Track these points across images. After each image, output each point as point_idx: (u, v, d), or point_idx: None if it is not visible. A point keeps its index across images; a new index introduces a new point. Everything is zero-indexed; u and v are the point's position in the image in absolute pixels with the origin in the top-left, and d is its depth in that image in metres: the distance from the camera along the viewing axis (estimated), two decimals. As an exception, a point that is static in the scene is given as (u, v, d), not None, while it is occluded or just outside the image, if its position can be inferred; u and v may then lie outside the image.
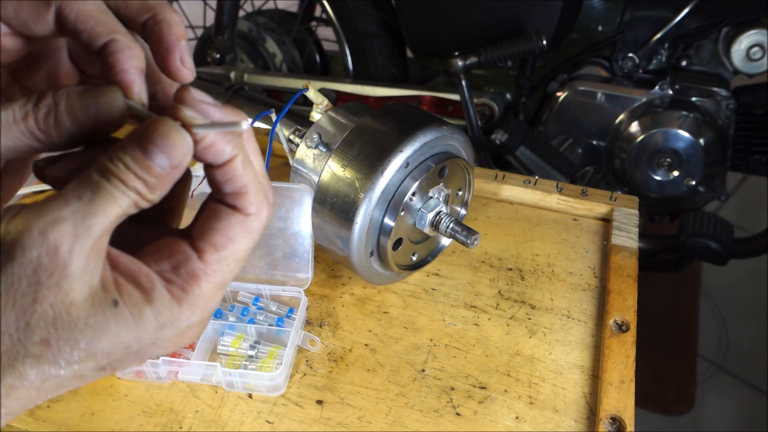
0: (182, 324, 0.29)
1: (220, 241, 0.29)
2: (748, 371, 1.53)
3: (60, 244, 0.26)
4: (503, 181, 0.76)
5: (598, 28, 1.24)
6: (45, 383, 0.27)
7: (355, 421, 0.54)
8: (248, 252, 0.31)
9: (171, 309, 0.28)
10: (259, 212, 0.30)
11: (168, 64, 0.32)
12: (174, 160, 0.27)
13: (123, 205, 0.27)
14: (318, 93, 0.64)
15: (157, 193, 0.28)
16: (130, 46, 0.30)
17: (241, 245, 0.30)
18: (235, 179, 0.29)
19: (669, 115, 1.14)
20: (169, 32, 0.32)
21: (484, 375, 0.58)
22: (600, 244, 0.70)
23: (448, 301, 0.64)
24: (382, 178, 0.54)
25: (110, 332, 0.27)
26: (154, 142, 0.27)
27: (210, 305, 0.30)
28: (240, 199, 0.30)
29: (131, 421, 0.55)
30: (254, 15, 1.59)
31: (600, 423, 0.52)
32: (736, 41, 1.11)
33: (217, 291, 0.30)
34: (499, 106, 1.28)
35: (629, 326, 0.59)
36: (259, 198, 0.30)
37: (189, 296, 0.29)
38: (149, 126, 0.27)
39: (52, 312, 0.26)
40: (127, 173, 0.27)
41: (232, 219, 0.30)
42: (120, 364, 0.29)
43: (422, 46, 1.32)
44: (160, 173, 0.27)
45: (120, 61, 0.30)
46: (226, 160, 0.29)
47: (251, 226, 0.30)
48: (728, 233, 1.14)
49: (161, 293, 0.28)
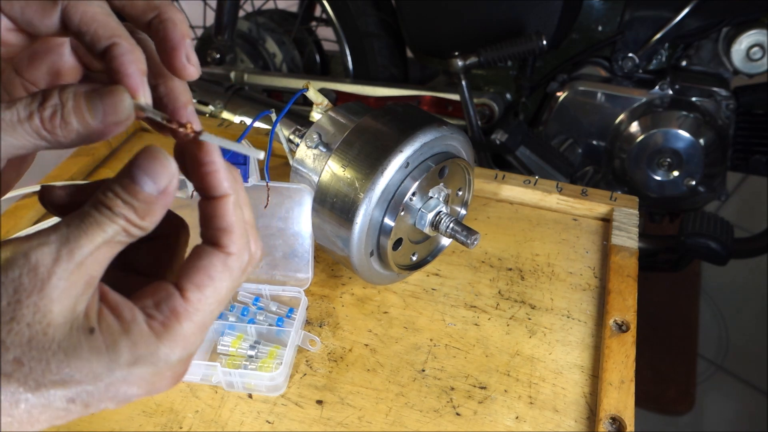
0: (159, 360, 0.29)
1: (202, 279, 0.30)
2: (748, 371, 1.53)
3: (40, 264, 0.26)
4: (503, 181, 0.76)
5: (598, 28, 1.24)
6: (15, 409, 0.27)
7: (355, 421, 0.54)
8: (229, 293, 0.31)
9: (148, 343, 0.28)
10: (240, 253, 0.31)
11: (174, 62, 0.32)
12: (160, 183, 0.28)
13: (109, 231, 0.28)
14: (318, 93, 0.64)
15: (147, 220, 0.28)
16: (131, 50, 0.31)
17: (221, 284, 0.30)
18: (222, 217, 0.30)
19: (669, 115, 1.14)
20: (174, 30, 0.32)
21: (484, 375, 0.58)
22: (600, 244, 0.70)
23: (448, 301, 0.64)
24: (382, 178, 0.54)
25: (81, 358, 0.27)
26: (139, 166, 0.28)
27: (190, 345, 0.30)
28: (223, 236, 0.30)
29: (131, 421, 0.55)
30: (254, 15, 1.59)
31: (600, 423, 0.52)
32: (736, 41, 1.11)
33: (198, 331, 0.30)
34: (499, 106, 1.28)
35: (629, 326, 0.59)
36: (242, 240, 0.31)
37: (169, 332, 0.29)
38: (137, 153, 0.29)
39: (28, 332, 0.26)
40: (114, 200, 0.28)
41: (213, 257, 0.30)
42: (91, 398, 0.28)
43: (422, 46, 1.32)
44: (147, 197, 0.28)
45: (123, 65, 0.30)
46: (220, 195, 0.30)
47: (232, 266, 0.31)
48: (728, 233, 1.14)
49: (140, 326, 0.28)
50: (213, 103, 1.21)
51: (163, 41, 0.32)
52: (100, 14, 0.31)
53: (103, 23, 0.31)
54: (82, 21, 0.30)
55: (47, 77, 0.36)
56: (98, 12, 0.31)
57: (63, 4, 0.30)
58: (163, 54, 0.32)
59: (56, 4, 0.30)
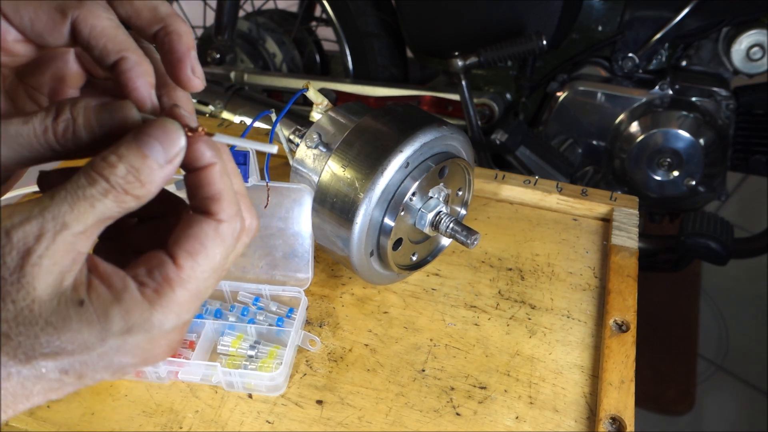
0: (153, 328, 0.29)
1: (194, 246, 0.30)
2: (748, 371, 1.53)
3: (22, 243, 0.26)
4: (503, 181, 0.76)
5: (598, 28, 1.24)
6: (7, 381, 0.27)
7: (355, 421, 0.54)
8: (225, 261, 0.31)
9: (141, 310, 0.28)
10: (231, 220, 0.31)
11: (179, 74, 0.33)
12: (169, 152, 0.28)
13: (100, 208, 0.27)
14: (318, 93, 0.64)
15: (145, 190, 0.28)
16: (139, 63, 0.31)
17: (213, 251, 0.30)
18: (209, 185, 0.30)
19: (669, 115, 1.14)
20: (179, 43, 0.33)
21: (484, 375, 0.58)
22: (600, 244, 0.70)
23: (448, 301, 0.64)
24: (382, 178, 0.54)
25: (71, 330, 0.27)
26: (150, 134, 0.28)
27: (184, 313, 0.30)
28: (213, 204, 0.30)
29: (131, 421, 0.55)
30: (254, 15, 1.59)
31: (600, 423, 0.52)
32: (736, 41, 1.11)
33: (192, 298, 0.30)
34: (499, 106, 1.28)
35: (629, 326, 0.59)
36: (232, 208, 0.31)
37: (162, 299, 0.29)
38: (149, 122, 0.29)
39: (14, 308, 0.26)
40: (112, 169, 0.27)
41: (204, 224, 0.30)
42: (84, 368, 0.28)
43: (422, 46, 1.32)
44: (153, 164, 0.28)
45: (131, 79, 0.31)
46: (203, 165, 0.30)
47: (224, 233, 0.30)
48: (728, 233, 1.14)
49: (132, 294, 0.28)
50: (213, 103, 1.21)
51: (169, 53, 0.33)
52: (110, 28, 0.31)
53: (112, 37, 0.31)
54: (92, 35, 0.31)
55: (51, 83, 0.37)
56: (108, 26, 0.31)
57: (73, 17, 0.31)
58: (168, 65, 0.33)
59: (66, 18, 0.31)
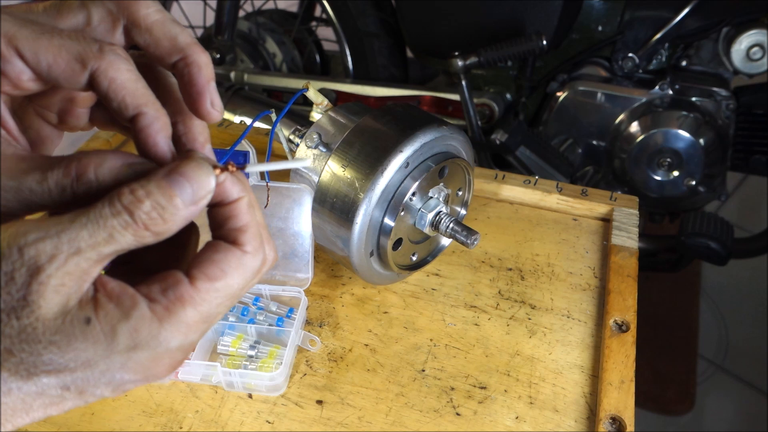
0: (159, 345, 0.28)
1: (214, 271, 0.29)
2: (748, 371, 1.53)
3: (34, 261, 0.26)
4: (503, 181, 0.76)
5: (598, 28, 1.24)
6: (7, 396, 0.27)
7: (355, 421, 0.54)
8: (241, 291, 0.31)
9: (150, 327, 0.28)
10: (256, 252, 0.31)
11: (199, 107, 0.33)
12: (198, 194, 0.29)
13: (120, 240, 0.27)
14: (318, 93, 0.64)
15: (166, 228, 0.28)
16: (157, 118, 0.31)
17: (234, 280, 0.30)
18: (238, 217, 0.31)
19: (669, 115, 1.15)
20: (199, 75, 0.32)
21: (484, 375, 0.58)
22: (600, 244, 0.70)
23: (448, 301, 0.64)
24: (382, 178, 0.54)
25: (76, 348, 0.27)
26: (183, 172, 0.28)
27: (192, 334, 0.29)
28: (240, 235, 0.30)
29: (131, 421, 0.55)
30: (254, 15, 1.59)
31: (600, 423, 0.52)
32: (736, 41, 1.11)
33: (201, 322, 0.29)
34: (499, 106, 1.28)
35: (629, 326, 0.59)
36: (257, 240, 0.31)
37: (171, 316, 0.28)
38: (182, 160, 0.29)
39: (18, 325, 0.26)
40: (138, 203, 0.27)
41: (228, 253, 0.30)
42: (86, 384, 0.28)
43: (422, 46, 1.32)
44: (179, 205, 0.28)
45: (151, 136, 0.31)
46: (234, 200, 0.30)
47: (247, 264, 0.30)
48: (728, 233, 1.14)
49: (142, 311, 0.28)
50: (213, 103, 1.21)
51: (189, 85, 0.33)
52: (129, 81, 0.31)
53: (131, 91, 0.31)
54: (111, 88, 0.30)
55: (61, 103, 0.36)
56: (127, 79, 0.31)
57: (92, 68, 0.30)
58: (187, 97, 0.33)
59: (85, 68, 0.30)
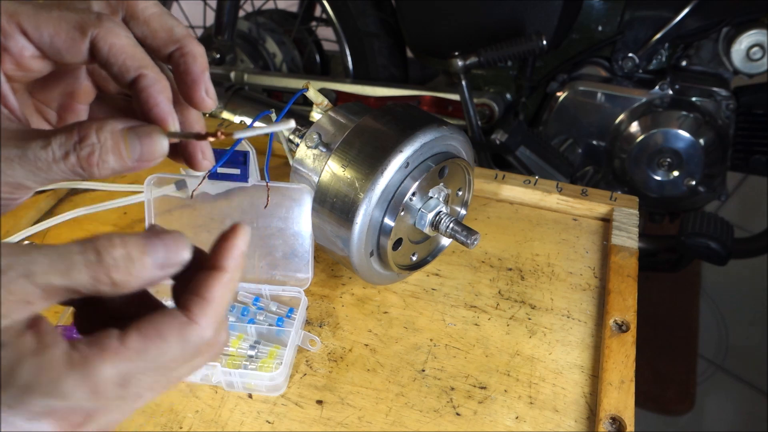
0: (56, 393, 0.25)
1: (149, 331, 0.27)
2: (748, 371, 1.53)
3: None
4: (503, 181, 0.76)
5: (598, 28, 1.24)
6: None
7: (355, 421, 0.54)
8: (175, 368, 0.28)
9: (55, 370, 0.25)
10: (204, 329, 0.28)
11: (194, 95, 0.33)
12: (169, 261, 0.28)
13: (75, 275, 0.26)
14: (318, 93, 0.64)
15: (126, 286, 0.27)
16: (158, 80, 0.32)
17: (168, 348, 0.27)
18: (209, 288, 0.29)
19: (669, 115, 1.15)
20: (194, 65, 0.33)
21: (484, 375, 0.58)
22: (600, 244, 0.70)
23: (448, 301, 0.64)
24: (382, 178, 0.54)
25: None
26: (161, 237, 0.28)
27: (99, 395, 0.26)
28: (196, 305, 0.28)
29: (131, 421, 0.55)
30: (254, 15, 1.59)
31: (600, 423, 0.52)
32: (736, 41, 1.11)
33: (115, 385, 0.26)
34: (499, 106, 1.28)
35: (629, 326, 0.59)
36: (213, 319, 0.28)
37: (83, 367, 0.25)
38: (167, 232, 0.28)
39: None
40: (110, 251, 0.26)
41: (172, 318, 0.28)
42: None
43: (422, 46, 1.32)
44: (147, 265, 0.27)
45: (152, 96, 0.31)
46: (218, 268, 0.29)
47: (189, 336, 0.28)
48: (728, 233, 1.14)
49: (55, 352, 0.25)
50: (213, 103, 1.21)
51: (184, 74, 0.33)
52: (128, 45, 0.31)
53: (131, 54, 0.31)
54: (111, 53, 0.31)
55: (60, 98, 0.36)
56: (126, 44, 0.31)
57: (92, 35, 0.31)
58: (182, 86, 0.33)
59: (85, 35, 0.31)
